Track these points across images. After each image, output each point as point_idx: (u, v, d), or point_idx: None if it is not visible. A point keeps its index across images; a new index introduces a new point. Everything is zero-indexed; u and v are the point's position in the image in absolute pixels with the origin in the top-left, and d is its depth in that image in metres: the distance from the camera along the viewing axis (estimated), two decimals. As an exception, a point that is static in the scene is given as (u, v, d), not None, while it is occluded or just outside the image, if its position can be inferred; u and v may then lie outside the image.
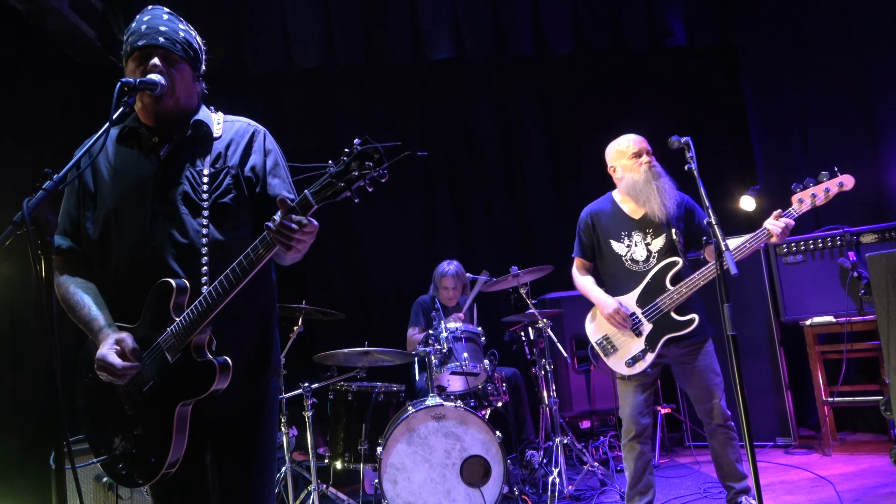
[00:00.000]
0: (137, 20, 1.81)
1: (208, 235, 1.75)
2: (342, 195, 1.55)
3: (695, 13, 5.30)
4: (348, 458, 3.77)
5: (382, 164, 1.53)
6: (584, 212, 3.26)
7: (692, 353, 3.00)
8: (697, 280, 2.88)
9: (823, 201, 2.74)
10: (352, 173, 1.53)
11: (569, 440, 3.94)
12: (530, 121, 5.66)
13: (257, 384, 1.86)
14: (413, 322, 4.65)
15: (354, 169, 1.53)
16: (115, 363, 1.64)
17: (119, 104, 1.63)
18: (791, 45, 5.08)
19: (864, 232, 4.16)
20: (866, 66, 4.67)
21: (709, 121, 5.64)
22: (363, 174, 1.52)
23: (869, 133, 4.67)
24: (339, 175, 1.54)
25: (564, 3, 5.15)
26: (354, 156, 1.54)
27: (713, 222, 2.28)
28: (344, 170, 1.54)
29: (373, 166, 1.52)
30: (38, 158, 4.24)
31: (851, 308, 4.07)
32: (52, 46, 4.42)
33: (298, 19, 4.88)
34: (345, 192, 1.54)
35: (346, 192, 1.54)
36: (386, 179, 1.56)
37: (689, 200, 3.12)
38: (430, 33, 5.01)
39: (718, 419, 2.96)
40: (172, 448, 1.68)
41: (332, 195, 1.55)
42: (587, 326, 3.19)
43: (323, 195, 1.55)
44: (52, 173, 1.39)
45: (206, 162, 1.81)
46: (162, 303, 1.70)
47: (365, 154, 1.53)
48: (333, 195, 1.55)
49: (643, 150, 3.09)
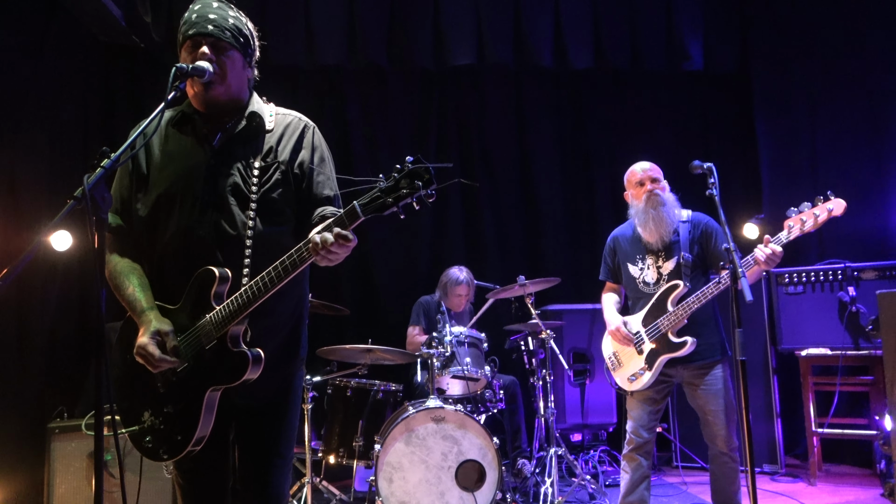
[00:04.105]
0: (189, 9, 1.84)
1: (254, 228, 1.79)
2: (389, 210, 1.58)
3: (713, 39, 5.36)
4: (342, 453, 3.79)
5: (431, 184, 1.57)
6: (609, 237, 3.41)
7: (699, 376, 3.04)
8: (693, 302, 2.94)
9: (814, 227, 2.70)
10: (401, 190, 1.56)
11: (563, 452, 3.98)
12: (545, 132, 5.70)
13: (285, 374, 1.91)
14: (414, 321, 4.68)
15: (404, 186, 1.56)
16: (155, 354, 1.69)
17: (171, 88, 1.66)
18: (805, 78, 5.15)
19: (864, 269, 4.23)
20: (879, 103, 4.74)
21: (719, 146, 5.70)
22: (412, 192, 1.56)
23: (878, 170, 4.74)
24: (389, 191, 1.57)
25: (587, 19, 5.19)
26: (405, 173, 1.57)
27: (731, 248, 2.33)
28: (394, 186, 1.57)
29: (422, 186, 1.56)
30: (54, 134, 4.25)
31: (847, 342, 4.14)
32: (76, 22, 4.42)
33: (322, 14, 4.89)
34: (392, 208, 1.58)
35: (393, 207, 1.58)
36: (433, 200, 1.60)
37: (708, 222, 3.17)
38: (453, 38, 5.04)
39: (721, 446, 2.98)
40: (199, 428, 1.73)
41: (379, 209, 1.59)
42: (603, 342, 3.34)
43: (371, 208, 1.59)
44: (109, 152, 1.42)
45: (257, 155, 1.84)
46: (203, 290, 1.74)
47: (415, 173, 1.56)
48: (380, 209, 1.59)
49: (646, 179, 3.19)
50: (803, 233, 2.72)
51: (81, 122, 4.55)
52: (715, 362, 3.04)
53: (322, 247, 1.57)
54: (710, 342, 3.04)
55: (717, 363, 3.04)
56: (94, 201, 1.31)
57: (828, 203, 2.69)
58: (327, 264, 1.69)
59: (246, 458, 1.86)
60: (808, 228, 2.71)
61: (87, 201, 1.32)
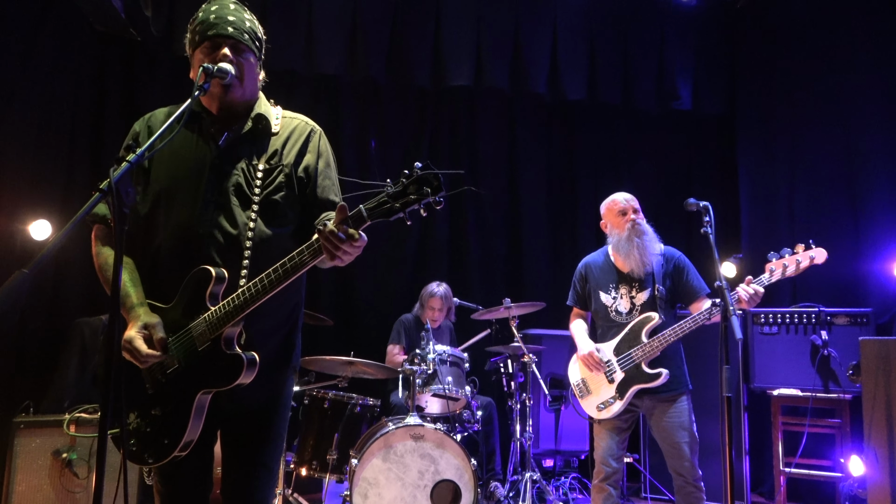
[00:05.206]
0: (205, 10, 1.83)
1: (254, 230, 1.77)
2: (396, 215, 1.57)
3: (702, 81, 5.53)
4: (315, 466, 3.73)
5: (440, 191, 1.56)
6: (580, 263, 3.44)
7: (664, 408, 3.08)
8: (669, 336, 3.00)
9: (795, 273, 2.79)
10: (409, 196, 1.56)
11: (537, 477, 3.98)
12: (534, 158, 5.78)
13: (276, 381, 1.87)
14: (394, 339, 4.66)
15: (412, 192, 1.56)
16: (141, 349, 1.64)
17: (197, 87, 1.65)
18: (788, 124, 5.32)
19: (837, 314, 4.36)
20: (856, 153, 4.91)
21: (702, 185, 5.84)
22: (418, 198, 1.55)
23: (853, 217, 4.90)
24: (396, 196, 1.57)
25: (583, 53, 5.32)
26: (413, 179, 1.56)
27: (723, 286, 2.39)
28: (401, 191, 1.56)
29: (430, 192, 1.55)
30: (44, 121, 4.17)
31: (818, 384, 4.24)
32: (74, 10, 4.37)
33: (325, 23, 4.92)
34: (398, 213, 1.57)
35: (399, 213, 1.57)
36: (441, 207, 1.59)
37: (679, 257, 3.25)
38: (451, 59, 5.11)
39: (687, 477, 3.02)
40: (187, 432, 1.69)
41: (386, 214, 1.57)
42: (570, 368, 3.35)
43: (377, 213, 1.58)
44: (135, 146, 1.40)
45: (262, 157, 1.84)
46: (198, 289, 1.71)
47: (424, 179, 1.56)
48: (387, 214, 1.57)
49: (629, 209, 3.25)
50: (784, 277, 2.82)
51: (70, 109, 4.48)
52: (680, 394, 3.10)
53: (326, 238, 1.54)
54: (676, 374, 3.10)
55: (683, 395, 3.10)
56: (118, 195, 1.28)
57: (810, 251, 2.79)
58: (335, 264, 1.66)
59: (231, 467, 1.81)
60: (789, 273, 2.81)
61: (112, 195, 1.30)
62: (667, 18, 5.45)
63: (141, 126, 1.87)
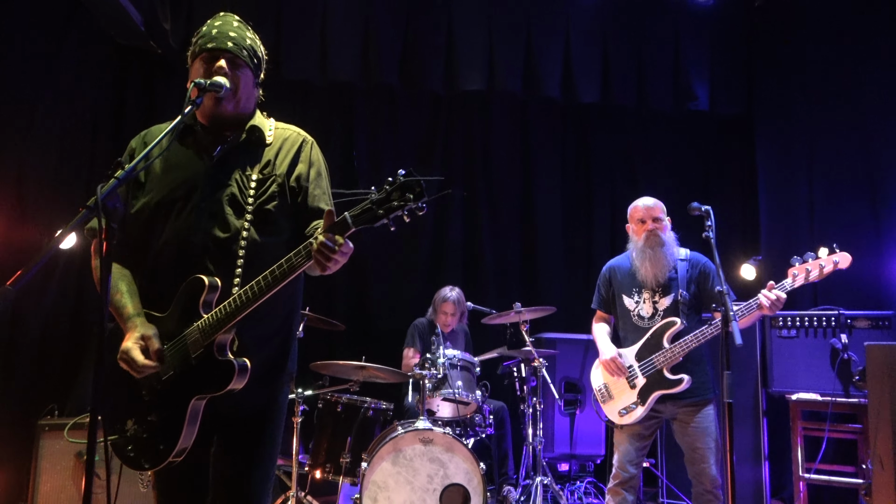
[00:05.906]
0: (209, 24, 1.90)
1: (248, 238, 1.81)
2: (379, 221, 1.61)
3: (719, 82, 5.45)
4: (329, 469, 3.78)
5: (422, 197, 1.60)
6: (605, 266, 3.42)
7: (689, 413, 3.06)
8: (690, 341, 2.97)
9: (818, 278, 2.76)
10: (392, 202, 1.60)
11: (549, 481, 3.98)
12: (548, 161, 5.77)
13: (271, 386, 1.91)
14: (409, 343, 4.70)
15: (395, 199, 1.59)
16: (137, 359, 1.70)
17: (189, 102, 1.70)
18: (807, 124, 5.22)
19: (858, 317, 4.26)
20: (876, 150, 4.80)
21: (720, 187, 5.77)
22: (402, 205, 1.59)
23: (874, 218, 4.79)
24: (380, 202, 1.61)
25: (596, 55, 5.29)
26: (396, 186, 1.60)
27: (724, 291, 2.37)
28: (385, 198, 1.61)
29: (413, 198, 1.59)
30: (66, 133, 4.31)
31: (838, 389, 4.15)
32: (94, 22, 4.50)
33: (338, 32, 4.97)
34: (382, 220, 1.61)
35: (383, 219, 1.61)
36: (424, 213, 1.63)
37: (706, 263, 3.22)
38: (464, 64, 5.13)
39: (707, 484, 2.99)
40: (182, 438, 1.73)
41: (370, 220, 1.62)
42: (592, 372, 3.35)
43: (361, 219, 1.62)
44: (123, 163, 1.45)
45: (255, 167, 1.88)
46: (192, 298, 1.76)
47: (407, 185, 1.60)
48: (371, 220, 1.62)
49: (648, 217, 3.22)
50: (807, 282, 2.78)
51: (92, 119, 4.61)
52: (706, 401, 3.06)
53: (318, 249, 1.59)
54: (702, 381, 3.06)
55: (709, 402, 3.07)
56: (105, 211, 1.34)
57: (834, 256, 2.74)
58: (324, 272, 1.70)
59: (224, 471, 1.85)
60: (812, 278, 2.77)
61: (98, 212, 1.35)
62: (681, 17, 5.38)
63: (137, 142, 1.94)
